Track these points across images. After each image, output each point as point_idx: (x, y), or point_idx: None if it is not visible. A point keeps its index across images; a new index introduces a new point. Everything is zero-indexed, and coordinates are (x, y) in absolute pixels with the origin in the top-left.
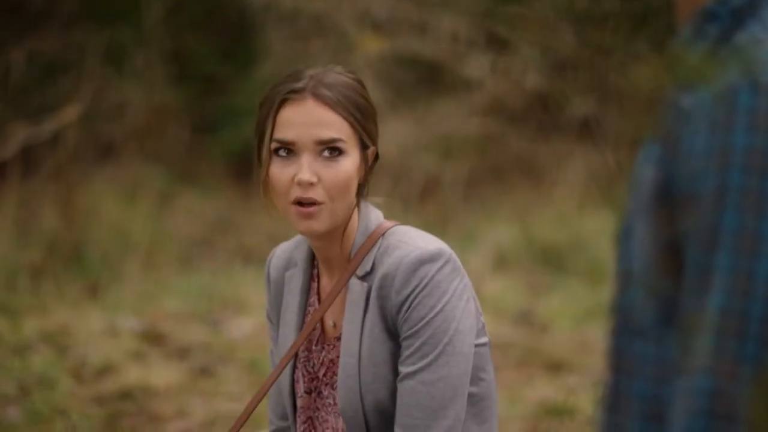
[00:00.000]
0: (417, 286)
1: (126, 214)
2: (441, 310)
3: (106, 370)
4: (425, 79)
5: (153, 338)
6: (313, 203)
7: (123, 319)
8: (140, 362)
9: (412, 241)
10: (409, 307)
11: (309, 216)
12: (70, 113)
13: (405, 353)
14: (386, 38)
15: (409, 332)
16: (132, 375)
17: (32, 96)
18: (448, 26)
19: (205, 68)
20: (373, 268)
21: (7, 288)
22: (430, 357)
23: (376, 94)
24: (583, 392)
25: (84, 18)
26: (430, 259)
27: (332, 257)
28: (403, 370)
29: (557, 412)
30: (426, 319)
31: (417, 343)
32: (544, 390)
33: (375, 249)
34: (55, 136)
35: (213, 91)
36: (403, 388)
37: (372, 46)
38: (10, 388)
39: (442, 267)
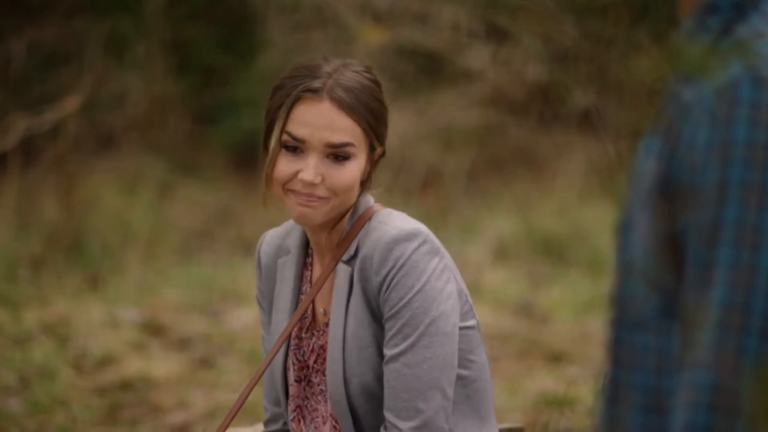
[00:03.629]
0: (394, 266)
1: (126, 204)
2: (420, 290)
3: (106, 361)
4: (426, 70)
5: (153, 329)
6: (315, 198)
7: (123, 310)
8: (140, 353)
9: (391, 221)
10: (388, 287)
11: (307, 205)
12: (71, 104)
13: (388, 335)
14: (387, 29)
15: (390, 313)
16: (132, 366)
17: (33, 86)
18: (449, 17)
19: (205, 59)
20: (356, 252)
21: (8, 279)
22: (413, 338)
23: None
24: (584, 383)
25: (84, 8)
26: (405, 238)
27: (324, 243)
28: (388, 352)
29: (557, 403)
30: (405, 300)
31: (398, 324)
32: (544, 381)
33: (360, 233)
34: (56, 126)
35: (213, 82)
36: (388, 371)
37: (373, 36)
38: (10, 379)
39: (418, 247)
